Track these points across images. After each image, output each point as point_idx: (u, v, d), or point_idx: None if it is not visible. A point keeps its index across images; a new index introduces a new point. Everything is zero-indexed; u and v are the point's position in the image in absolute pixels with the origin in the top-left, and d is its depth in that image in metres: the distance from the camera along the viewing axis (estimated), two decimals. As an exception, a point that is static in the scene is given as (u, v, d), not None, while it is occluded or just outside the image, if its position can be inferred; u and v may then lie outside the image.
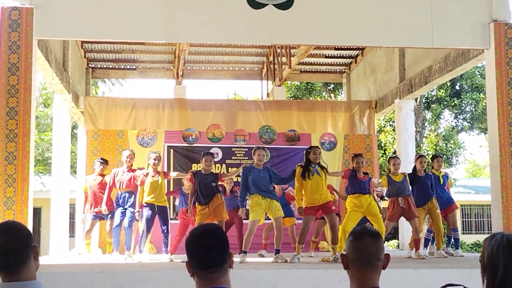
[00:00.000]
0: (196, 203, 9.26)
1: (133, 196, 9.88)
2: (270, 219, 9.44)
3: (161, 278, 6.80)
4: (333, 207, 8.82)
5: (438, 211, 9.76)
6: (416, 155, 10.44)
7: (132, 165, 9.93)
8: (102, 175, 10.27)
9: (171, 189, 11.68)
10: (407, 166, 10.89)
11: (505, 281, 2.39)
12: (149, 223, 9.67)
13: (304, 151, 9.08)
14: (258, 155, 8.92)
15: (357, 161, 9.11)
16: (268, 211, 8.85)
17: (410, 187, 9.69)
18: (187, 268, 2.49)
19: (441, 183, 10.04)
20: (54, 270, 7.10)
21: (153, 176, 9.72)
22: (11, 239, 2.46)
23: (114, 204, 10.04)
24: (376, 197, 11.52)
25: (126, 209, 9.84)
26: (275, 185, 10.00)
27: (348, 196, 9.09)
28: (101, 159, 10.41)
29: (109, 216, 10.12)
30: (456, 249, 10.12)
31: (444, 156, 20.06)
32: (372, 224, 8.97)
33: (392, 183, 9.55)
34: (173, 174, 10.49)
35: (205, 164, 9.23)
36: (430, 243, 10.17)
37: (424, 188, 9.69)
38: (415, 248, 9.35)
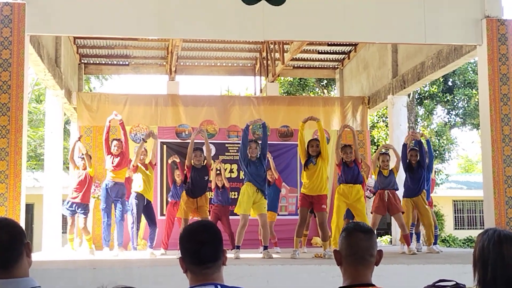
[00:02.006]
0: (185, 193, 9.38)
1: (123, 187, 9.86)
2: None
3: (154, 274, 6.80)
4: (324, 206, 8.86)
5: (427, 206, 9.77)
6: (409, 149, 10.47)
7: (119, 154, 9.88)
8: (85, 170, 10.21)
9: (164, 182, 11.77)
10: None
11: (495, 276, 2.41)
12: (139, 214, 9.72)
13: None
14: (250, 148, 8.97)
15: (344, 152, 9.17)
16: (255, 206, 8.90)
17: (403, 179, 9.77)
18: (180, 264, 2.49)
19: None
20: (47, 266, 7.09)
21: (146, 170, 9.77)
22: (3, 236, 2.45)
23: (99, 195, 10.02)
24: (369, 193, 11.57)
25: (115, 200, 9.77)
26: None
27: (341, 184, 9.16)
28: (82, 154, 10.33)
29: (79, 208, 10.07)
30: (435, 244, 10.06)
31: (437, 152, 20.14)
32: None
33: (380, 176, 9.62)
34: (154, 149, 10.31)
35: (195, 159, 9.34)
36: (416, 239, 10.20)
37: (415, 180, 9.72)
38: (406, 244, 9.39)
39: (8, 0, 8.17)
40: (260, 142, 9.21)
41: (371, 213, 9.67)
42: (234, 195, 12.40)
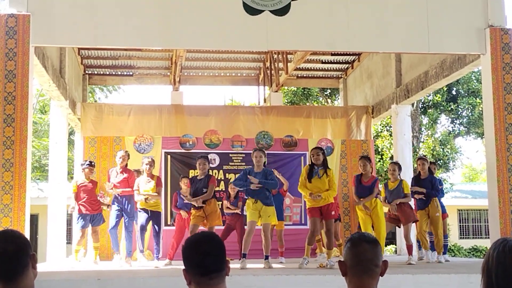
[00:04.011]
0: (192, 207, 9.39)
1: (132, 200, 9.89)
2: (274, 226, 9.65)
3: (159, 284, 6.79)
4: (333, 212, 8.86)
5: (438, 214, 9.76)
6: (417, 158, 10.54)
7: (126, 165, 9.95)
8: (92, 181, 10.25)
9: (168, 193, 11.81)
10: (404, 171, 10.89)
11: (499, 286, 2.39)
12: (143, 227, 9.73)
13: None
14: (255, 157, 8.97)
15: (360, 164, 9.29)
16: (260, 215, 8.91)
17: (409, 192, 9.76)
18: (184, 276, 2.49)
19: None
20: (52, 277, 7.08)
21: (148, 182, 9.77)
22: (8, 247, 2.46)
23: (107, 206, 10.11)
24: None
25: (122, 210, 9.83)
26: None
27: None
28: (89, 162, 10.38)
29: (93, 221, 10.13)
30: (444, 254, 10.09)
31: (441, 161, 20.09)
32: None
33: (386, 190, 9.68)
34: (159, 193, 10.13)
35: (199, 168, 9.42)
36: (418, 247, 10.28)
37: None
38: (408, 253, 9.45)
39: (13, 12, 8.21)
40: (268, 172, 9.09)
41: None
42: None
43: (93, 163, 10.38)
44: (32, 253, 2.52)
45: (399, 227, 9.99)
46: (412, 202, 10.06)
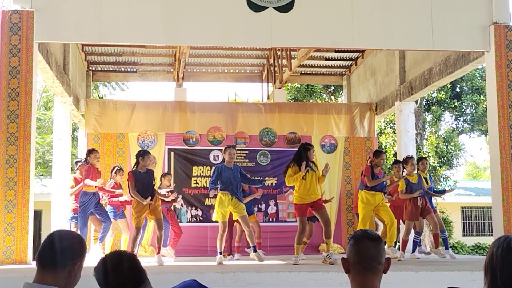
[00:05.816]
0: (134, 201, 9.07)
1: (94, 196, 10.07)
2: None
3: (164, 281, 6.79)
4: (322, 204, 8.91)
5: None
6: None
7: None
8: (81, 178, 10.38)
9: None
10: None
11: (504, 284, 2.39)
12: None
13: (302, 148, 9.00)
14: (229, 154, 9.06)
15: (382, 158, 9.25)
16: (235, 211, 8.99)
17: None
18: None
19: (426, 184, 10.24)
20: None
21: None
22: (58, 243, 2.62)
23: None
24: None
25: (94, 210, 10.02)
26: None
27: (363, 190, 9.16)
28: (77, 161, 10.57)
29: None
30: (446, 249, 10.13)
31: (445, 158, 20.06)
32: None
33: (410, 184, 9.57)
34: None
35: (146, 162, 9.08)
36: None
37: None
38: (435, 243, 9.48)
39: (17, 8, 8.23)
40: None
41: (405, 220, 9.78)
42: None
43: (82, 160, 10.53)
44: (75, 261, 2.65)
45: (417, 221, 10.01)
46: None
